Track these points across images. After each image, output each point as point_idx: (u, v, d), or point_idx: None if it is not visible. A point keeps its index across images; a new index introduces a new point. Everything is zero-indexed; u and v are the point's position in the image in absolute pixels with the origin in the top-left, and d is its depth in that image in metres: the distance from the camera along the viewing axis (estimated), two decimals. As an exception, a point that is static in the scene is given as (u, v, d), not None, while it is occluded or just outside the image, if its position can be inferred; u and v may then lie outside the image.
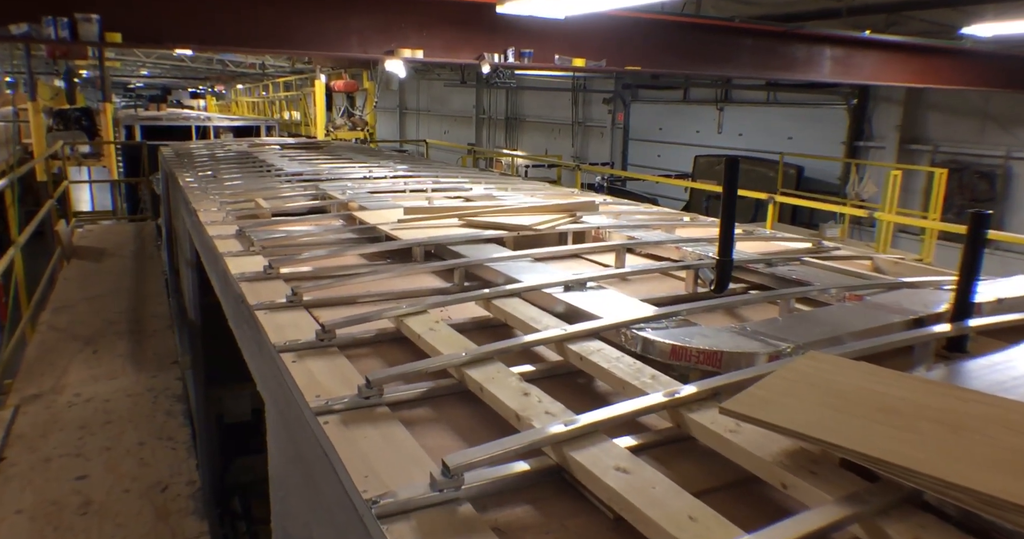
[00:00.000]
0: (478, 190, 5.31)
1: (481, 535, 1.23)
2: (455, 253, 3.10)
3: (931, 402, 1.39)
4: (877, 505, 1.18)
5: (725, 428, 1.46)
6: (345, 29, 5.41)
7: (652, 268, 3.04)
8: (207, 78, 33.70)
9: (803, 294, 2.55)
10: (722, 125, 16.90)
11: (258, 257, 3.20)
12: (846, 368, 1.56)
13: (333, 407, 1.70)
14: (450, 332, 2.11)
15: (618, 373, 1.77)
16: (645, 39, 6.59)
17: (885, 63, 8.10)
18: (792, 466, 1.32)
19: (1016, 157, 11.73)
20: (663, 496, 1.24)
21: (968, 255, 2.15)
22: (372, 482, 1.38)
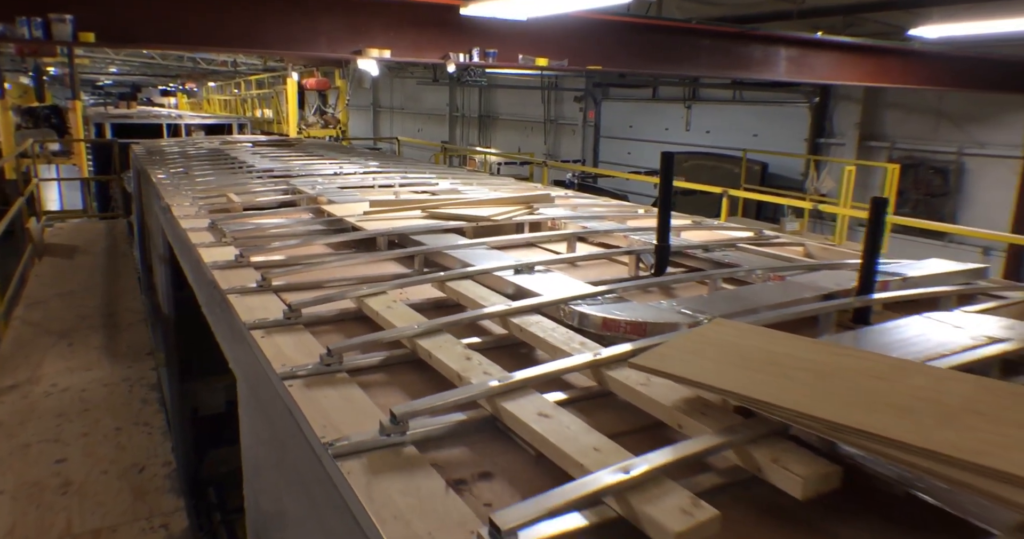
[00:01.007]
0: (444, 185, 5.51)
1: (421, 469, 1.44)
2: (416, 242, 3.31)
3: (809, 356, 1.63)
4: (748, 436, 1.41)
5: (637, 382, 1.69)
6: (314, 29, 5.57)
7: (598, 254, 3.27)
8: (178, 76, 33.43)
9: (730, 275, 2.80)
10: (690, 123, 17.25)
11: (230, 247, 3.37)
12: (744, 331, 1.80)
13: (297, 373, 1.90)
14: (406, 309, 2.32)
15: (552, 341, 2.00)
16: (606, 39, 6.84)
17: (839, 63, 8.43)
18: (688, 410, 1.55)
19: (968, 153, 12.18)
20: (575, 434, 1.47)
21: (870, 237, 2.40)
22: (330, 430, 1.58)
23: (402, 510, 1.30)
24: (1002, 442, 1.22)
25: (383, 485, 1.38)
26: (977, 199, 12.25)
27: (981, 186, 12.18)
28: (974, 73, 9.93)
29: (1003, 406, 1.36)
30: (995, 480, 1.14)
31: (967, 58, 9.78)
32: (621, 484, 1.26)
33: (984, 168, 12.09)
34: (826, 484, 1.31)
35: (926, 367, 1.58)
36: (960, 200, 12.44)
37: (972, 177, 12.29)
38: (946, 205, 12.56)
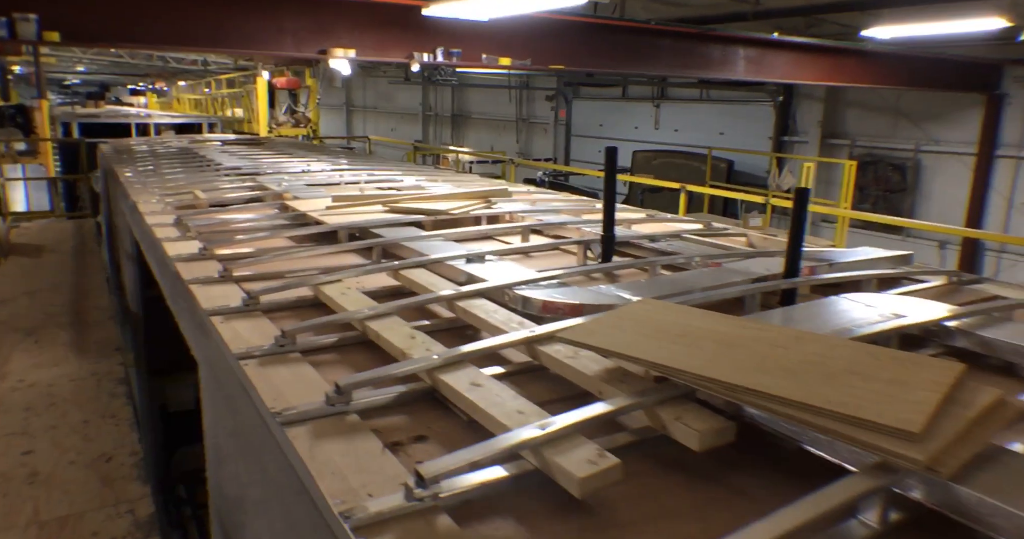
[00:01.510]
0: (409, 181, 5.63)
1: (361, 434, 1.58)
2: (375, 234, 3.43)
3: (719, 329, 1.79)
4: (657, 398, 1.56)
5: (565, 356, 1.84)
6: (279, 29, 5.65)
7: (549, 244, 3.42)
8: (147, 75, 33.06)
9: (669, 262, 2.97)
10: (659, 121, 17.51)
11: (194, 241, 3.47)
12: (664, 309, 1.96)
13: (253, 353, 2.02)
14: (359, 295, 2.45)
15: (493, 321, 2.14)
16: (568, 39, 7.00)
17: (796, 63, 8.68)
18: (609, 379, 1.70)
19: (924, 150, 12.55)
20: (503, 401, 1.61)
21: (794, 226, 2.58)
22: (279, 402, 1.71)
23: (340, 468, 1.43)
24: (870, 396, 1.39)
25: (325, 447, 1.51)
26: (934, 195, 12.62)
27: (937, 182, 12.55)
28: (927, 72, 10.25)
29: (881, 367, 1.53)
30: (858, 427, 1.31)
31: (920, 58, 10.10)
32: (537, 439, 1.40)
33: (940, 165, 12.46)
34: (721, 438, 1.47)
35: (821, 336, 1.75)
36: (918, 196, 12.80)
37: (929, 173, 12.66)
38: (904, 201, 12.92)
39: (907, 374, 1.49)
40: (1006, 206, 11.74)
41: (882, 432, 1.28)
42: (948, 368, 1.51)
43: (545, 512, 1.33)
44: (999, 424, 1.40)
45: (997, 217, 11.92)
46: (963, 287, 3.02)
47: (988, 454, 1.35)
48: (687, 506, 1.36)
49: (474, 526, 1.27)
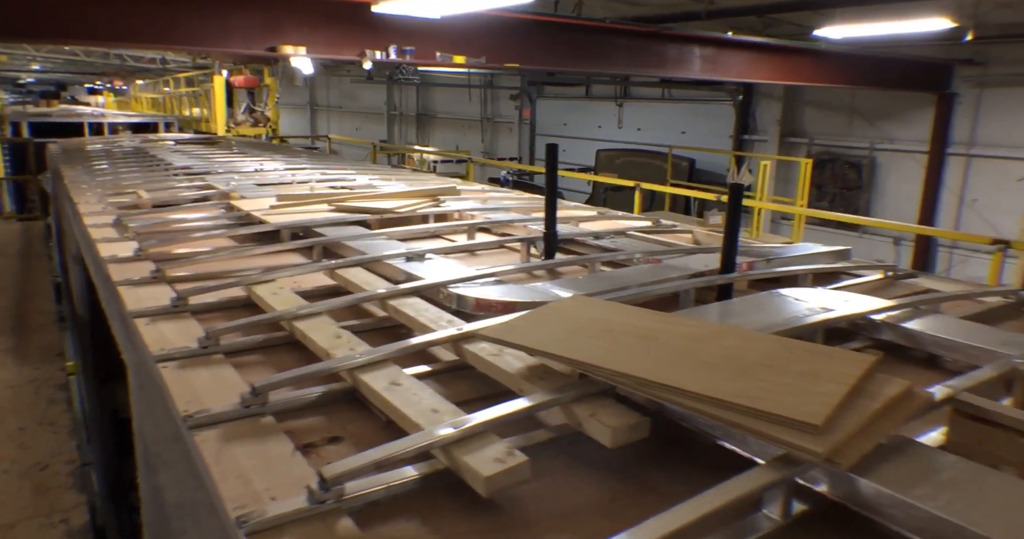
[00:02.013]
0: (362, 180, 5.57)
1: (273, 436, 1.54)
2: (318, 234, 3.38)
3: (642, 324, 1.78)
4: (574, 395, 1.55)
5: (489, 354, 1.82)
6: (227, 26, 5.54)
7: (493, 242, 3.40)
8: (104, 73, 32.32)
9: (610, 258, 2.97)
10: (622, 120, 17.60)
11: (131, 242, 3.39)
12: (592, 305, 1.95)
13: (173, 355, 1.97)
14: (291, 295, 2.40)
15: (422, 319, 2.12)
16: (523, 38, 6.99)
17: (751, 62, 8.79)
18: (530, 376, 1.69)
19: (879, 148, 12.80)
20: (419, 400, 1.59)
21: (729, 222, 2.60)
22: (193, 404, 1.67)
23: (246, 471, 1.39)
24: (778, 389, 1.39)
25: (233, 450, 1.47)
26: (888, 192, 12.87)
27: (892, 179, 12.81)
28: (879, 72, 10.45)
29: (794, 360, 1.54)
30: (763, 420, 1.31)
31: (872, 58, 10.29)
32: (447, 438, 1.38)
33: (894, 162, 12.72)
34: (635, 434, 1.46)
35: (741, 330, 1.75)
36: (873, 193, 13.05)
37: (884, 171, 12.91)
38: (861, 198, 13.16)
39: (819, 367, 1.50)
40: (957, 203, 12.02)
41: (785, 425, 1.28)
42: (859, 360, 1.52)
43: (452, 512, 1.31)
44: (904, 415, 1.42)
45: (949, 213, 12.20)
46: (897, 281, 3.07)
47: (893, 445, 1.36)
48: (596, 503, 1.35)
49: (376, 528, 1.25)
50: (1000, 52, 10.99)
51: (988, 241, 5.92)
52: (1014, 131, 11.19)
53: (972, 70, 11.38)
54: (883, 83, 10.74)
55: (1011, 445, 1.47)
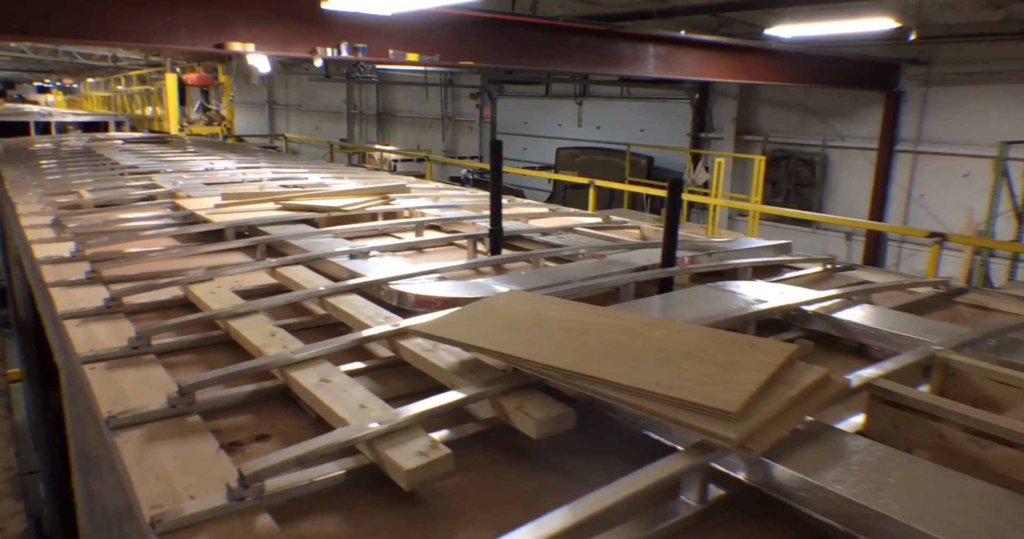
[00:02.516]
0: (314, 178, 5.52)
1: (198, 435, 1.52)
2: (263, 232, 3.34)
3: (575, 318, 1.80)
4: (503, 388, 1.56)
5: (424, 349, 1.82)
6: (172, 22, 5.43)
7: (440, 239, 3.40)
8: (53, 71, 31.40)
9: (555, 254, 2.99)
10: (582, 119, 17.68)
11: (69, 243, 3.30)
12: (527, 300, 1.96)
13: (101, 356, 1.93)
14: (228, 294, 2.37)
15: (360, 316, 2.11)
16: (477, 35, 6.99)
17: (705, 60, 8.91)
18: (462, 371, 1.69)
19: (831, 146, 13.08)
20: (349, 396, 1.58)
21: (669, 218, 2.63)
22: (119, 405, 1.64)
23: (167, 470, 1.37)
24: (699, 379, 1.42)
25: (155, 451, 1.45)
26: (840, 188, 13.16)
27: (843, 176, 13.09)
28: (829, 71, 10.68)
29: (718, 350, 1.57)
30: (681, 408, 1.33)
31: (823, 57, 10.51)
32: (373, 433, 1.38)
33: (845, 159, 13.00)
34: (560, 425, 1.48)
35: (670, 322, 1.78)
36: (826, 189, 13.33)
37: (836, 168, 13.20)
38: (814, 194, 13.42)
39: (741, 356, 1.53)
40: (906, 198, 12.33)
41: (702, 412, 1.31)
42: (780, 349, 1.56)
43: (375, 506, 1.31)
44: (821, 401, 1.45)
45: (898, 209, 12.52)
46: (836, 274, 3.15)
47: (809, 431, 1.40)
48: (520, 494, 1.37)
49: (296, 524, 1.24)
50: (945, 52, 11.31)
51: (925, 235, 6.11)
52: (959, 129, 11.52)
53: (919, 69, 11.69)
54: (833, 82, 10.98)
55: (923, 429, 1.52)
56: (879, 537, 1.14)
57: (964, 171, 11.54)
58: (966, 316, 2.63)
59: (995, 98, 10.95)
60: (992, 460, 1.43)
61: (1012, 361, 1.83)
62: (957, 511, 1.14)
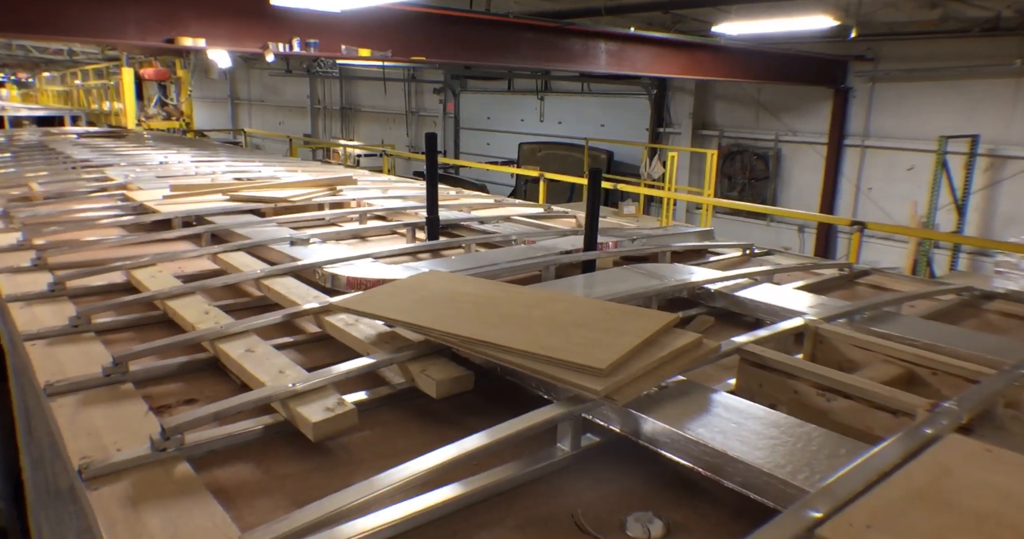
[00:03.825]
0: (267, 172, 5.61)
1: (130, 400, 1.66)
2: (209, 222, 3.45)
3: (484, 294, 1.97)
4: (411, 355, 1.73)
5: (346, 324, 1.98)
6: (121, 16, 5.46)
7: (382, 227, 3.55)
8: (6, 65, 30.66)
9: (487, 240, 3.16)
10: (543, 114, 17.87)
11: (16, 232, 3.38)
12: (445, 278, 2.13)
13: (43, 334, 2.05)
14: (169, 278, 2.50)
15: (292, 296, 2.25)
16: (429, 31, 7.11)
17: (655, 57, 9.14)
18: (378, 342, 1.85)
19: (783, 140, 13.44)
20: (271, 363, 1.73)
21: (589, 204, 2.82)
22: (56, 376, 1.76)
23: (98, 429, 1.51)
24: (581, 342, 1.60)
25: (88, 413, 1.59)
26: (792, 181, 13.53)
27: (796, 170, 13.47)
28: (779, 67, 11.00)
29: (606, 319, 1.75)
30: (559, 367, 1.51)
31: (771, 53, 10.83)
32: (287, 393, 1.53)
33: (797, 154, 13.38)
34: (459, 386, 1.64)
35: (571, 297, 1.96)
36: (779, 183, 13.70)
37: (788, 162, 13.57)
38: (768, 188, 13.78)
39: (624, 324, 1.71)
40: (854, 191, 12.74)
41: (576, 370, 1.48)
42: (660, 318, 1.74)
43: (286, 457, 1.46)
44: (689, 361, 1.64)
45: (848, 201, 12.92)
46: (753, 258, 3.36)
47: (680, 389, 1.59)
48: (418, 445, 1.52)
49: (211, 471, 1.39)
50: (889, 49, 11.70)
51: (847, 223, 6.40)
52: (904, 124, 11.94)
53: (865, 66, 12.08)
54: (782, 78, 11.30)
55: (782, 387, 1.72)
56: (726, 475, 1.33)
57: (909, 165, 11.96)
58: (862, 294, 2.85)
59: (936, 94, 11.38)
60: (836, 411, 1.63)
61: (877, 330, 2.05)
62: (787, 450, 1.32)
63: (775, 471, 1.24)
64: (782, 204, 13.41)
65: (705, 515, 1.31)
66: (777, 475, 1.23)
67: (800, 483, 1.20)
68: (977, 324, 2.52)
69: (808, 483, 1.20)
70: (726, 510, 1.32)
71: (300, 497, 1.31)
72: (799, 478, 1.22)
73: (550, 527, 1.25)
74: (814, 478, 1.21)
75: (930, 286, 2.91)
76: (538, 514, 1.29)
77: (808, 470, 1.24)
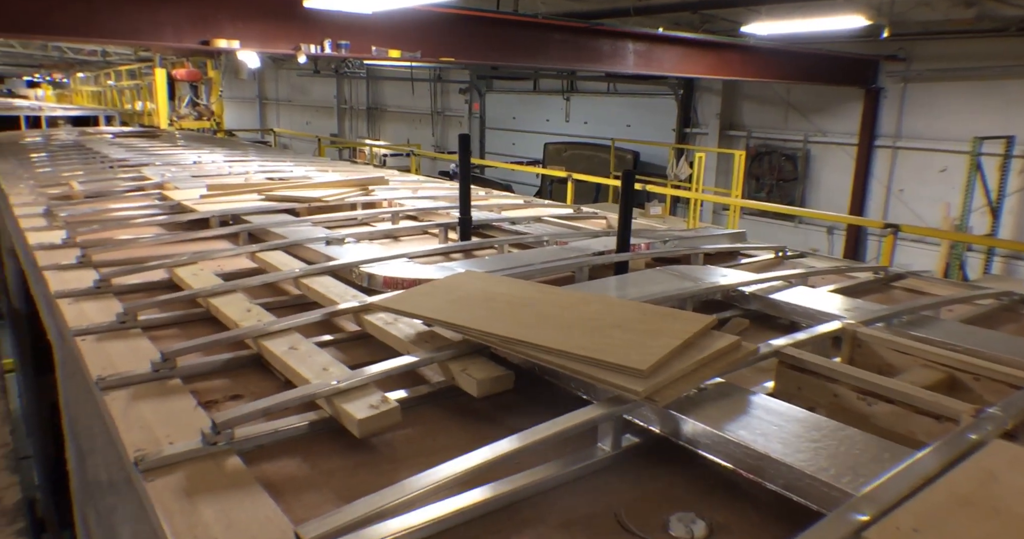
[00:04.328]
0: (299, 171, 5.68)
1: (179, 394, 1.70)
2: (245, 221, 3.51)
3: (520, 294, 1.99)
4: (451, 354, 1.75)
5: (385, 322, 2.01)
6: (158, 19, 5.57)
7: (414, 228, 3.58)
8: (43, 66, 31.34)
9: (519, 241, 3.18)
10: (569, 114, 17.87)
11: (60, 231, 3.47)
12: (481, 278, 2.15)
13: (91, 329, 2.11)
14: (210, 276, 2.55)
15: (330, 295, 2.29)
16: (458, 32, 7.16)
17: (684, 57, 9.10)
18: (418, 341, 1.88)
19: (812, 141, 13.31)
20: (314, 360, 1.77)
21: (623, 206, 2.82)
22: (107, 370, 1.81)
23: (149, 422, 1.56)
24: (621, 344, 1.61)
25: (139, 407, 1.63)
26: (822, 183, 13.39)
27: (825, 171, 13.33)
28: (808, 67, 10.90)
29: (643, 321, 1.76)
30: (600, 367, 1.52)
31: (801, 53, 10.73)
32: (332, 390, 1.57)
33: (826, 155, 13.24)
34: (499, 385, 1.67)
35: (606, 299, 1.97)
36: (808, 184, 13.56)
37: (817, 163, 13.43)
38: (796, 189, 13.66)
39: (662, 326, 1.72)
40: (885, 193, 12.58)
41: (616, 371, 1.50)
42: (697, 320, 1.75)
43: (331, 452, 1.49)
44: (728, 363, 1.65)
45: (878, 203, 12.76)
46: (786, 261, 3.35)
47: (720, 391, 1.59)
48: (460, 443, 1.55)
49: (260, 465, 1.43)
50: (922, 49, 11.54)
51: (881, 225, 6.34)
52: (936, 124, 11.76)
53: (897, 66, 11.92)
54: (812, 78, 11.19)
55: (822, 390, 1.72)
56: (768, 477, 1.34)
57: (941, 166, 11.79)
58: (898, 298, 2.83)
59: (970, 94, 11.19)
60: (876, 415, 1.62)
61: (916, 334, 2.03)
62: (830, 454, 1.33)
63: (818, 474, 1.25)
64: (810, 206, 13.28)
65: (746, 516, 1.32)
66: (820, 478, 1.24)
67: (844, 486, 1.20)
68: (1017, 329, 2.49)
69: (852, 486, 1.20)
70: (767, 512, 1.33)
71: (347, 492, 1.34)
72: (843, 481, 1.22)
73: (593, 526, 1.27)
74: (858, 482, 1.21)
75: (968, 290, 2.88)
76: (580, 513, 1.31)
77: (851, 474, 1.25)
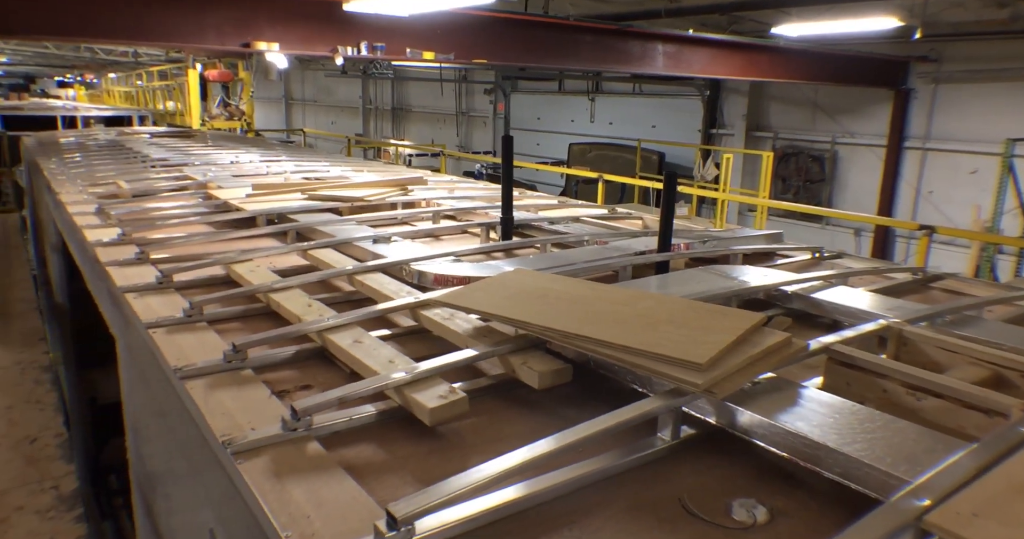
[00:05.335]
0: (335, 172, 5.79)
1: (253, 384, 1.80)
2: (292, 220, 3.62)
3: (573, 292, 2.06)
4: (510, 348, 1.83)
5: (442, 318, 2.09)
6: (201, 22, 5.72)
7: (455, 227, 3.67)
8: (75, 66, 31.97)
9: (560, 240, 3.25)
10: (594, 115, 17.92)
11: (114, 228, 3.59)
12: (534, 276, 2.22)
13: (161, 323, 2.21)
14: (267, 272, 2.65)
15: (385, 291, 2.38)
16: (491, 34, 7.25)
17: (713, 58, 9.12)
18: (476, 335, 1.96)
19: (840, 142, 13.24)
20: (379, 353, 1.85)
21: (664, 207, 2.88)
22: (182, 361, 1.91)
23: (230, 410, 1.65)
24: (677, 339, 1.67)
25: (218, 395, 1.72)
26: (849, 184, 13.31)
27: (853, 172, 13.25)
28: (837, 68, 10.86)
29: (696, 318, 1.82)
30: (658, 361, 1.59)
31: (830, 54, 10.69)
32: (400, 381, 1.65)
33: (854, 156, 13.16)
34: (559, 378, 1.74)
35: (657, 296, 2.04)
36: (835, 185, 13.49)
37: (845, 164, 13.35)
38: (823, 190, 13.59)
39: (714, 322, 1.78)
40: (914, 194, 12.48)
41: (676, 364, 1.56)
42: (748, 318, 1.80)
43: (403, 439, 1.58)
44: (781, 359, 1.70)
45: (907, 205, 12.67)
46: (822, 261, 3.38)
47: (772, 385, 1.65)
48: (522, 432, 1.63)
49: (339, 450, 1.51)
50: (953, 50, 11.44)
51: (915, 227, 6.31)
52: (967, 126, 11.65)
53: (927, 67, 11.83)
54: (841, 79, 11.14)
55: (871, 385, 1.77)
56: (825, 466, 1.40)
57: (972, 168, 11.67)
58: (937, 298, 2.86)
59: (1002, 95, 11.08)
60: (926, 410, 1.67)
61: (960, 332, 2.07)
62: (885, 444, 1.38)
63: (876, 463, 1.30)
64: (838, 207, 13.20)
65: (804, 503, 1.38)
66: (878, 467, 1.29)
67: (902, 475, 1.26)
68: (1059, 330, 2.51)
69: (909, 474, 1.26)
70: (823, 498, 1.39)
71: (423, 475, 1.42)
72: (900, 470, 1.28)
73: (659, 510, 1.34)
74: (915, 470, 1.27)
75: (1007, 291, 2.90)
76: (645, 498, 1.38)
77: (907, 463, 1.30)
